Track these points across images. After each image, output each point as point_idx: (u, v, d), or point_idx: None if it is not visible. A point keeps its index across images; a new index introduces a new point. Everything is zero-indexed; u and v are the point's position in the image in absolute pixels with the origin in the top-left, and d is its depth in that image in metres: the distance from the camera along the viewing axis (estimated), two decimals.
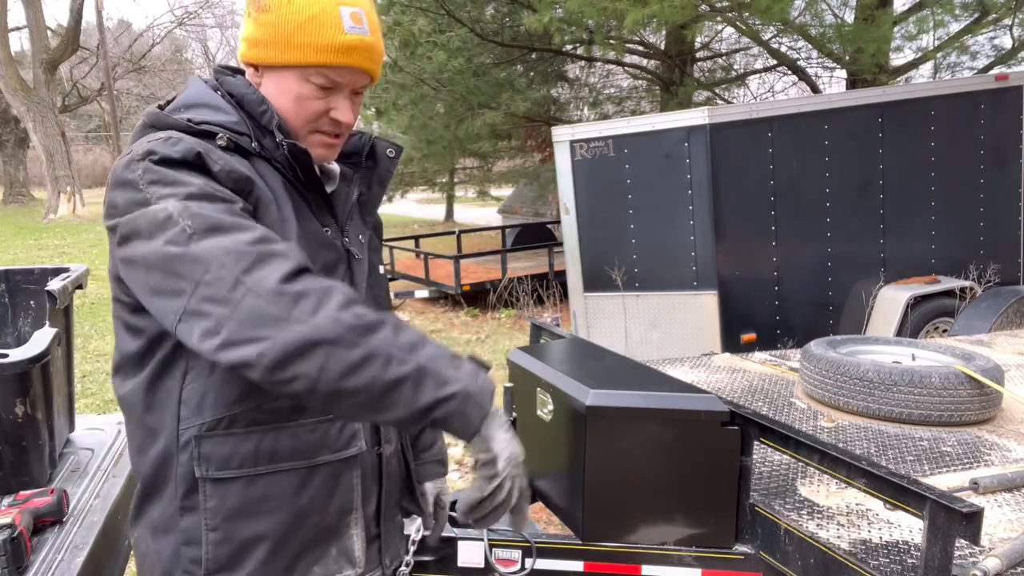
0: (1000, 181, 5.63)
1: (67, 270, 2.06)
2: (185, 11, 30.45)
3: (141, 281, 0.98)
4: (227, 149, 1.07)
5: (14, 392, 1.59)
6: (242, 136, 1.10)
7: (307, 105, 1.13)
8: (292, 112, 1.13)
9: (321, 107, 1.13)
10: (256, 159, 1.11)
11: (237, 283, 0.89)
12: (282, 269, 0.91)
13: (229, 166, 1.04)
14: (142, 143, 1.03)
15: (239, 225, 0.95)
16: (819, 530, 1.71)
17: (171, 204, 0.95)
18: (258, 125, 1.12)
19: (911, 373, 2.39)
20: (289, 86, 1.12)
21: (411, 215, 22.27)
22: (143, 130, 1.10)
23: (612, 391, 1.80)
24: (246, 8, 1.14)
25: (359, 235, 1.27)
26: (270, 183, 1.10)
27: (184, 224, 0.93)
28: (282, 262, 0.92)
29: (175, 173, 0.98)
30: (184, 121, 1.08)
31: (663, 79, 9.93)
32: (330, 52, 1.09)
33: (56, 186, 20.02)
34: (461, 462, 4.35)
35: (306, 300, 0.90)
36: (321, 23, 1.08)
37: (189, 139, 1.02)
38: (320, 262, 1.13)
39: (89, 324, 7.84)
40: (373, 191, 1.32)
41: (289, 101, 1.13)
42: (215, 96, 1.13)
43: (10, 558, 1.31)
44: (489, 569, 1.89)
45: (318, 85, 1.12)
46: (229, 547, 1.09)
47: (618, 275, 5.41)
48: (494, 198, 17.65)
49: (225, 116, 1.11)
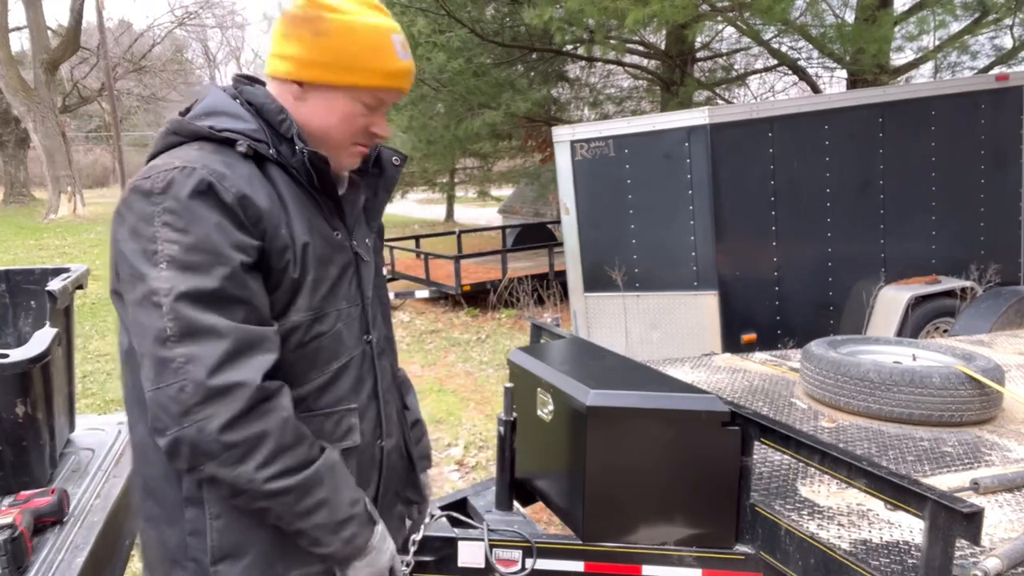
0: (1001, 181, 5.62)
1: (67, 270, 2.06)
2: (185, 11, 30.48)
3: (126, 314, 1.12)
4: (245, 156, 1.15)
5: (15, 392, 1.59)
6: (260, 143, 1.17)
7: (354, 122, 1.23)
8: (336, 127, 1.22)
9: (365, 123, 1.24)
10: (272, 165, 1.18)
11: (187, 413, 1.03)
12: (226, 415, 1.04)
13: (240, 192, 1.10)
14: (162, 171, 1.09)
15: (215, 330, 1.05)
16: (820, 530, 1.71)
17: (163, 287, 1.05)
18: (276, 133, 1.19)
19: (912, 373, 2.39)
20: (338, 104, 1.21)
21: (411, 215, 22.28)
22: (166, 136, 1.18)
23: (612, 391, 1.80)
24: (289, 28, 1.18)
25: (365, 239, 1.34)
26: (281, 190, 1.17)
27: (167, 323, 1.04)
28: (230, 403, 1.04)
29: (186, 215, 1.07)
30: (206, 128, 1.15)
31: (663, 79, 9.93)
32: (385, 77, 1.20)
33: (56, 186, 20.04)
34: (461, 462, 4.35)
35: (235, 450, 1.05)
36: (378, 50, 1.18)
37: (201, 170, 1.09)
38: (336, 264, 1.23)
39: (89, 324, 7.84)
40: (379, 197, 1.39)
41: (336, 118, 1.22)
42: (234, 104, 1.20)
43: (11, 558, 1.31)
44: (489, 569, 1.89)
45: (366, 104, 1.22)
46: (233, 535, 1.15)
47: (618, 275, 5.41)
48: (494, 198, 17.65)
49: (244, 124, 1.18)
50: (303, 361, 1.19)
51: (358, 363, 1.28)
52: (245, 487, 1.07)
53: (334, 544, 1.14)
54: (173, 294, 1.04)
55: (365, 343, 1.30)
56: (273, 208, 1.14)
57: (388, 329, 1.44)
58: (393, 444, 1.37)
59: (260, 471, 1.06)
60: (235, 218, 1.09)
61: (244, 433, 1.05)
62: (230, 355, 1.05)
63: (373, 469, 1.31)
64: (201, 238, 1.06)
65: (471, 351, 7.12)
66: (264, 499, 1.08)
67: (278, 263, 1.14)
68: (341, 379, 1.24)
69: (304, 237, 1.17)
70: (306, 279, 1.17)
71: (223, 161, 1.12)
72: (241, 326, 1.07)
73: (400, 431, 1.43)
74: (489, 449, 4.48)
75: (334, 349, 1.23)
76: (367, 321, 1.31)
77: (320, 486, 1.12)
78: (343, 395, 1.25)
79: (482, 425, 4.95)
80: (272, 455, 1.07)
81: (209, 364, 1.04)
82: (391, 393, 1.39)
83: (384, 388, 1.34)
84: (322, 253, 1.20)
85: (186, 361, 1.03)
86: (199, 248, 1.06)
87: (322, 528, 1.13)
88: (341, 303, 1.25)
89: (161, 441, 1.06)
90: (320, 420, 1.21)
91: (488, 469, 4.17)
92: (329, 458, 1.15)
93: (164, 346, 1.04)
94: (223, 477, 1.06)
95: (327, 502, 1.12)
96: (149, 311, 1.05)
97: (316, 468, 1.12)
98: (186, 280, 1.05)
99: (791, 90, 13.30)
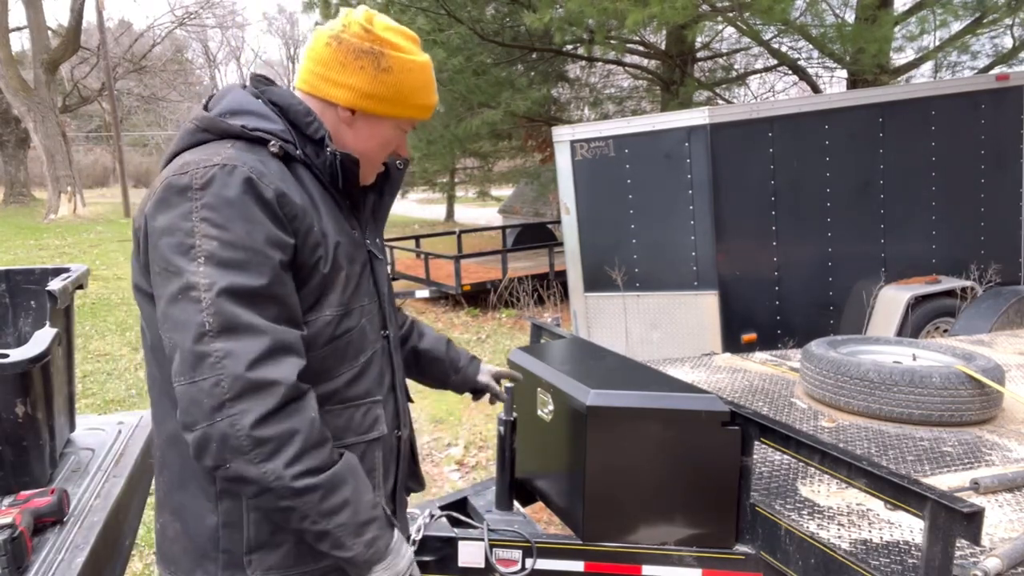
0: (1001, 181, 5.62)
1: (68, 270, 2.06)
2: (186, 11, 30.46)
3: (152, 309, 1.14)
4: (275, 155, 1.18)
5: (15, 392, 1.59)
6: (288, 143, 1.20)
7: (390, 145, 1.32)
8: (374, 150, 1.30)
9: (396, 145, 1.34)
10: (298, 165, 1.22)
11: (221, 407, 1.04)
12: (260, 410, 1.05)
13: (279, 190, 1.13)
14: (201, 167, 1.10)
15: (254, 327, 1.07)
16: (820, 530, 1.71)
17: (203, 283, 1.06)
18: (301, 134, 1.23)
19: (912, 373, 2.39)
20: (383, 131, 1.29)
21: (412, 215, 22.28)
22: (196, 133, 1.19)
23: (612, 391, 1.80)
24: (351, 58, 1.21)
25: (376, 238, 1.40)
26: (309, 189, 1.21)
27: (206, 317, 1.05)
28: (265, 399, 1.05)
29: (226, 211, 1.08)
30: (239, 127, 1.17)
31: (664, 79, 9.93)
32: (426, 109, 1.31)
33: (57, 186, 20.03)
34: (461, 462, 4.35)
35: (266, 446, 1.06)
36: (426, 87, 1.29)
37: (243, 167, 1.11)
38: (358, 261, 1.29)
39: (89, 324, 7.84)
40: (384, 200, 1.43)
41: (377, 143, 1.30)
42: (261, 105, 1.23)
43: (10, 558, 1.31)
44: (489, 569, 1.89)
45: (403, 130, 1.33)
46: (269, 525, 1.18)
47: (618, 275, 5.41)
48: (494, 198, 17.65)
49: (272, 124, 1.21)
50: (335, 355, 1.23)
51: (380, 357, 1.34)
52: (272, 484, 1.06)
53: (356, 547, 1.14)
54: (215, 289, 1.05)
55: (383, 338, 1.36)
56: (306, 206, 1.17)
57: (399, 326, 1.52)
58: (407, 434, 1.44)
59: (288, 468, 1.07)
60: (274, 215, 1.12)
61: (276, 429, 1.06)
62: (268, 352, 1.07)
63: (393, 459, 1.37)
64: (241, 235, 1.08)
65: (471, 351, 7.11)
66: (291, 497, 1.08)
67: (310, 259, 1.17)
68: (367, 372, 1.29)
69: (335, 235, 1.21)
70: (338, 276, 1.21)
71: (260, 160, 1.14)
72: (277, 326, 1.10)
73: (410, 422, 1.49)
74: (489, 449, 4.48)
75: (360, 343, 1.28)
76: (384, 317, 1.37)
77: (344, 485, 1.13)
78: (370, 387, 1.30)
79: (482, 425, 4.95)
80: (300, 453, 1.08)
81: (248, 360, 1.05)
82: (404, 386, 1.47)
83: (400, 381, 1.42)
84: (348, 251, 1.25)
85: (224, 356, 1.04)
86: (239, 245, 1.08)
87: (345, 528, 1.13)
88: (364, 299, 1.29)
89: (189, 436, 1.06)
90: (351, 411, 1.26)
91: (488, 469, 4.17)
92: (350, 460, 1.17)
93: (201, 340, 1.04)
94: (249, 474, 1.06)
95: (350, 502, 1.13)
96: (186, 305, 1.05)
97: (339, 468, 1.13)
98: (226, 276, 1.06)
99: (791, 90, 13.32)
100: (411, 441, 1.50)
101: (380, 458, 1.30)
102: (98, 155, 37.50)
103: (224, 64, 47.72)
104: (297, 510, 1.09)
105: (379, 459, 1.30)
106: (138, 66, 28.40)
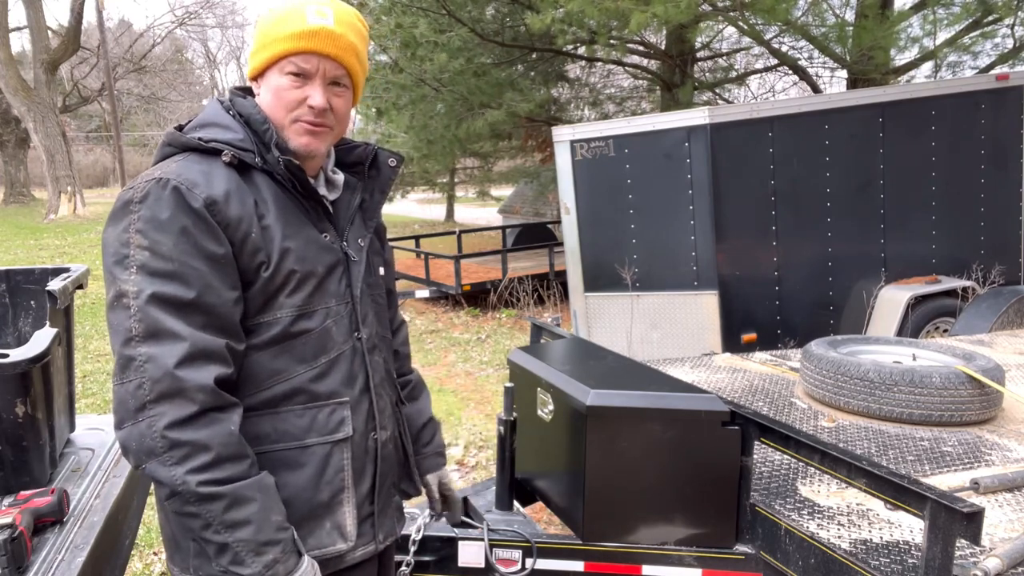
0: (1001, 181, 5.62)
1: (67, 270, 2.06)
2: (186, 11, 30.50)
3: None
4: (230, 164, 1.22)
5: (15, 392, 1.59)
6: (246, 152, 1.24)
7: (284, 95, 1.26)
8: (274, 106, 1.27)
9: (298, 96, 1.26)
10: (257, 173, 1.26)
11: (143, 408, 1.10)
12: (177, 414, 1.10)
13: (210, 199, 1.17)
14: (142, 182, 1.18)
15: (175, 334, 1.12)
16: (820, 530, 1.71)
17: (132, 290, 1.12)
18: (261, 141, 1.26)
19: (912, 373, 2.39)
20: (271, 83, 1.27)
21: (412, 215, 22.28)
22: (163, 148, 1.27)
23: (612, 391, 1.80)
24: None
25: (359, 239, 1.39)
26: (266, 196, 1.25)
27: (134, 323, 1.11)
28: (183, 404, 1.10)
29: (157, 223, 1.14)
30: (195, 140, 1.23)
31: (664, 79, 9.92)
32: (293, 39, 1.23)
33: (57, 186, 20.03)
34: (461, 462, 4.35)
35: (178, 450, 1.10)
36: (287, 19, 1.24)
37: (174, 180, 1.16)
38: (323, 264, 1.29)
39: (89, 324, 7.84)
40: (375, 198, 1.44)
41: (272, 97, 1.27)
42: (226, 116, 1.28)
43: (10, 558, 1.31)
44: (489, 569, 1.89)
45: (291, 74, 1.25)
46: None
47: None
48: (494, 198, 17.64)
49: (232, 134, 1.25)
50: (290, 354, 1.25)
51: (349, 358, 1.33)
52: (179, 488, 1.09)
53: (255, 566, 1.14)
54: (142, 297, 1.11)
55: (355, 339, 1.35)
56: (246, 214, 1.20)
57: (382, 327, 1.47)
58: (388, 436, 1.41)
59: (196, 474, 1.10)
60: (205, 224, 1.16)
61: (191, 436, 1.10)
62: (189, 358, 1.11)
63: (368, 460, 1.36)
64: (170, 246, 1.14)
65: (471, 351, 7.12)
66: (194, 503, 1.11)
67: (250, 264, 1.20)
68: (331, 373, 1.30)
69: (286, 240, 1.23)
70: (287, 279, 1.24)
71: (202, 171, 1.19)
72: (200, 333, 1.13)
73: (395, 424, 1.47)
74: (489, 449, 4.48)
75: (322, 344, 1.28)
76: (357, 319, 1.35)
77: (251, 502, 1.14)
78: (336, 388, 1.30)
79: (482, 425, 4.95)
80: (212, 462, 1.11)
81: (168, 364, 1.10)
82: (384, 388, 1.43)
83: (377, 383, 1.38)
84: (305, 254, 1.26)
85: (147, 360, 1.10)
86: (167, 256, 1.13)
87: (245, 545, 1.13)
88: (330, 301, 1.30)
89: (117, 435, 1.11)
90: (315, 412, 1.27)
91: (488, 469, 4.17)
92: (264, 480, 1.18)
93: (129, 345, 1.11)
94: (160, 475, 1.10)
95: (253, 521, 1.14)
96: (119, 312, 1.13)
97: (249, 483, 1.15)
98: (154, 284, 1.12)
99: (791, 90, 13.30)
100: (401, 444, 1.49)
101: (348, 460, 1.30)
102: (98, 155, 37.50)
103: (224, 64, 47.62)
104: (200, 517, 1.12)
105: (347, 460, 1.30)
106: (138, 66, 28.44)
